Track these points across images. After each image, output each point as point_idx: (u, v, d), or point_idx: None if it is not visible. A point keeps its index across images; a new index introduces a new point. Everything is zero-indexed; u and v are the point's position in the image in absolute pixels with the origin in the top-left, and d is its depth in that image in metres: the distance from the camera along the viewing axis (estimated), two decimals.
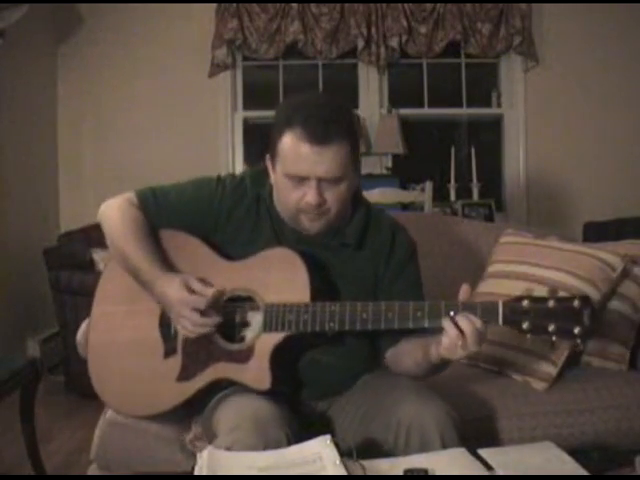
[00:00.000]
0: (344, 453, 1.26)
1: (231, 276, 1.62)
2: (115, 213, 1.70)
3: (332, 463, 1.22)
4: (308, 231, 1.64)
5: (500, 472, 1.29)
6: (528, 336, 1.45)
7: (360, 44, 4.37)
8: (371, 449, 1.51)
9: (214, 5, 4.37)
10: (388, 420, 1.52)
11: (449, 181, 4.41)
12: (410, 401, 1.53)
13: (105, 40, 4.44)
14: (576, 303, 1.42)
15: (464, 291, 1.49)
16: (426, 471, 1.25)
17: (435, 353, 1.51)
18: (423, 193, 3.94)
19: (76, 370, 3.27)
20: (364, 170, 4.54)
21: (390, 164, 4.56)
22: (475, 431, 1.73)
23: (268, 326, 1.57)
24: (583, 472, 1.31)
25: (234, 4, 4.34)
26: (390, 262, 1.72)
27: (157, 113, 4.49)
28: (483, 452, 1.36)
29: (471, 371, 2.11)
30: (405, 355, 1.66)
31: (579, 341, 1.43)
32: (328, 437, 1.29)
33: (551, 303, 1.43)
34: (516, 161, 4.58)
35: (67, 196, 4.50)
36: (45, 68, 4.43)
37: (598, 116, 4.49)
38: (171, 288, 1.57)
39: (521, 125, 4.55)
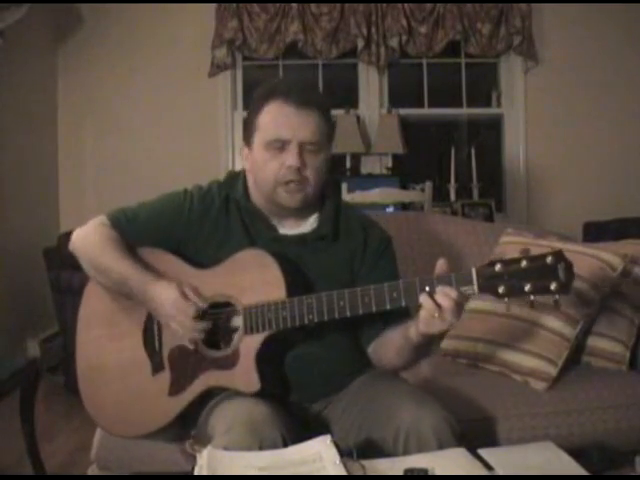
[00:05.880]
0: (344, 453, 1.26)
1: (207, 284, 1.62)
2: (91, 234, 1.70)
3: (332, 463, 1.22)
4: (288, 205, 1.64)
5: (500, 472, 1.29)
6: (506, 300, 1.43)
7: (360, 44, 4.38)
8: (370, 453, 1.50)
9: (214, 5, 4.37)
10: (386, 427, 1.52)
11: (449, 181, 4.42)
12: (408, 407, 1.52)
13: (105, 40, 4.45)
14: (549, 259, 1.40)
15: (440, 264, 1.47)
16: (426, 471, 1.26)
17: (415, 332, 1.50)
18: (423, 193, 3.94)
19: (76, 370, 3.25)
20: (364, 170, 4.55)
21: (390, 164, 4.56)
22: (475, 431, 1.72)
23: (249, 328, 1.57)
24: (583, 472, 1.31)
25: (234, 4, 4.34)
26: (365, 257, 1.72)
27: (157, 113, 4.49)
28: (483, 452, 1.36)
29: (471, 371, 2.11)
30: (386, 345, 1.65)
31: (557, 297, 1.40)
32: (328, 437, 1.29)
33: (524, 263, 1.41)
34: (516, 161, 4.58)
35: (67, 196, 4.50)
36: (45, 68, 4.43)
37: (598, 116, 4.49)
38: (167, 293, 1.58)
39: (521, 125, 4.55)
